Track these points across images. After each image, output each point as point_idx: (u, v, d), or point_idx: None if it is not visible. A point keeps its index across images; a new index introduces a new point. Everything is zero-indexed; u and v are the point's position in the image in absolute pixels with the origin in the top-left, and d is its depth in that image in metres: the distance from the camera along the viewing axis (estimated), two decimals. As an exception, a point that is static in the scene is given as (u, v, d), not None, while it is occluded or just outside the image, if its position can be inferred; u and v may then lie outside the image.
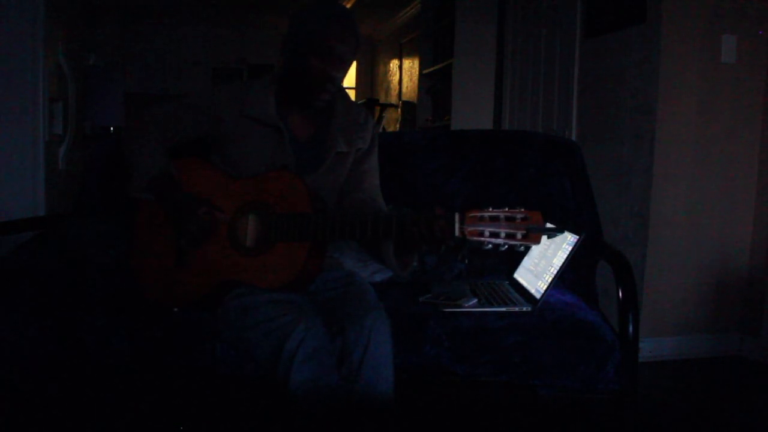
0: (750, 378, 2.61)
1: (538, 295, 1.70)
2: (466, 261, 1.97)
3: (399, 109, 6.24)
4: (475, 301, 1.73)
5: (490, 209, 1.29)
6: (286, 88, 1.66)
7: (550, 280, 1.68)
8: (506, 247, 1.29)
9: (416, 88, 5.68)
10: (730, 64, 2.70)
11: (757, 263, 2.79)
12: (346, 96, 1.78)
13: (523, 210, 1.28)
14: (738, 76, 2.72)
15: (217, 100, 1.67)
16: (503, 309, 1.68)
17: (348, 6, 6.33)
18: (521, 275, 1.90)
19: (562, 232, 1.53)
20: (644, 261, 2.69)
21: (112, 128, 4.67)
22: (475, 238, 1.29)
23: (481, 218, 1.29)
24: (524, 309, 1.67)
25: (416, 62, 5.94)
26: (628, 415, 1.64)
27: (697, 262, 2.77)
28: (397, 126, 6.19)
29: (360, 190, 1.71)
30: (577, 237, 1.65)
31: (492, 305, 1.70)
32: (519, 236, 1.27)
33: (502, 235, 1.27)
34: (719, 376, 2.63)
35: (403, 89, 6.62)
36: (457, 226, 1.31)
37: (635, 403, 1.64)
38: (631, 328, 1.58)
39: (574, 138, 3.18)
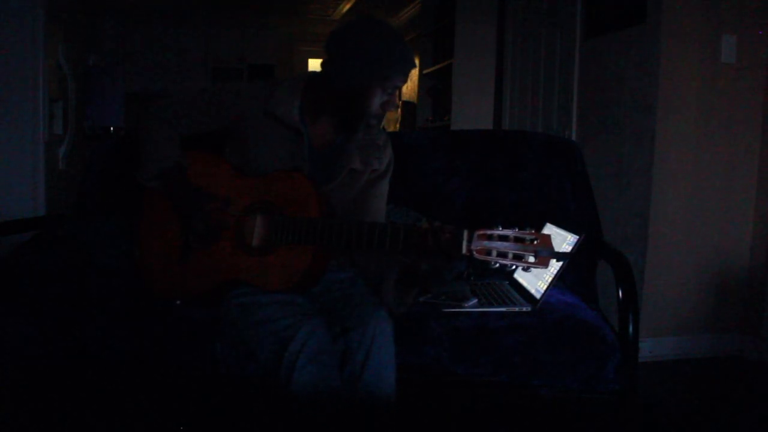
0: (750, 378, 2.61)
1: (538, 295, 1.70)
2: (472, 278, 1.95)
3: (399, 109, 6.23)
4: (475, 301, 1.73)
5: (500, 228, 1.28)
6: (338, 104, 1.62)
7: (550, 280, 1.68)
8: (513, 267, 1.28)
9: (416, 88, 5.69)
10: (730, 64, 2.69)
11: (757, 263, 2.79)
12: None
13: (533, 232, 1.27)
14: (738, 76, 2.72)
15: (243, 96, 1.65)
16: (503, 309, 1.68)
17: (347, 7, 6.34)
18: (521, 275, 1.89)
19: (570, 257, 1.53)
20: (644, 261, 2.69)
21: (112, 128, 4.66)
22: (483, 257, 1.28)
23: (490, 237, 1.28)
24: (524, 309, 1.67)
25: (416, 62, 5.94)
26: (628, 415, 1.64)
27: (697, 262, 2.77)
28: (397, 126, 6.19)
29: (365, 213, 1.69)
30: (577, 237, 1.65)
31: (492, 305, 1.70)
32: (528, 258, 1.26)
33: (510, 255, 1.26)
34: (719, 376, 2.62)
35: (403, 89, 6.60)
36: (464, 243, 1.30)
37: (635, 403, 1.64)
38: (631, 328, 1.58)
39: (574, 138, 3.18)
